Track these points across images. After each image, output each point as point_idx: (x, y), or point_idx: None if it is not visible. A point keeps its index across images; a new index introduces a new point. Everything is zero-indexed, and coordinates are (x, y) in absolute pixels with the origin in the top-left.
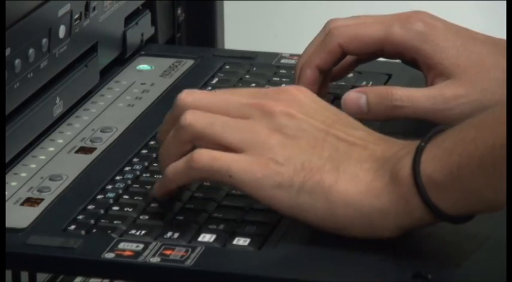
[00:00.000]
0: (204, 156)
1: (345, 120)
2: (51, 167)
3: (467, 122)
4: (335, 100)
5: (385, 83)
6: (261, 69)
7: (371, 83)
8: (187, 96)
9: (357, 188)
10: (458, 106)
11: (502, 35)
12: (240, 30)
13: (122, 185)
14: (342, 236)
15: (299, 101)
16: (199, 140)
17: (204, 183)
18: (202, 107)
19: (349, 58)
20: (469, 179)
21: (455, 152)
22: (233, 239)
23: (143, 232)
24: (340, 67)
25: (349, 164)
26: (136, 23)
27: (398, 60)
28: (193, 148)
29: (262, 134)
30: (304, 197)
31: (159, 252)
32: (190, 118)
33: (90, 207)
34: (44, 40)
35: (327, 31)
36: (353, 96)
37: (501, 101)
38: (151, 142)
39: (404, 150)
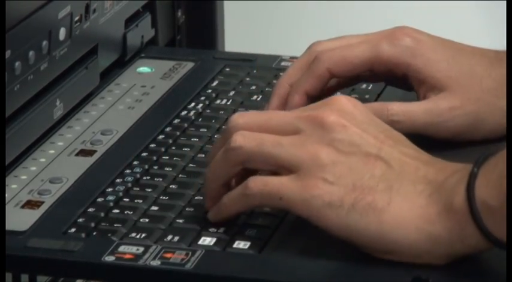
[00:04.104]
0: (258, 182)
1: (397, 137)
2: (52, 170)
3: None
4: None
5: (380, 93)
6: (261, 71)
7: (368, 96)
8: (239, 118)
9: (411, 212)
10: (454, 118)
11: (502, 34)
12: (240, 32)
13: (122, 188)
14: (341, 241)
15: (351, 112)
16: (250, 162)
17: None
18: (253, 128)
19: (332, 81)
20: None
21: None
22: (233, 242)
23: (143, 235)
24: (327, 90)
25: (402, 185)
26: (137, 25)
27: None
28: (244, 170)
29: (313, 150)
30: (355, 218)
31: (159, 255)
32: (240, 140)
33: (91, 210)
34: (44, 42)
35: (314, 56)
36: None
37: (497, 111)
38: (152, 145)
39: (457, 175)
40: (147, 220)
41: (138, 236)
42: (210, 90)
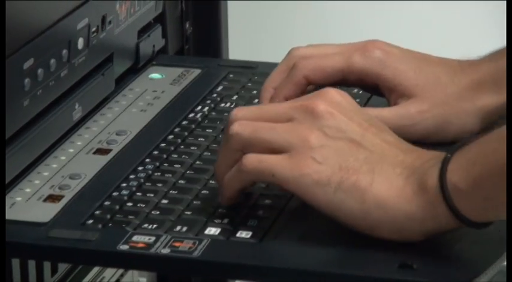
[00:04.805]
0: (251, 159)
1: (379, 126)
2: (71, 167)
3: (489, 135)
4: None
5: (370, 97)
6: (262, 77)
7: (358, 100)
8: (238, 111)
9: (390, 191)
10: (424, 121)
11: (502, 34)
12: (243, 42)
13: (135, 183)
14: (336, 231)
15: (339, 102)
16: (248, 147)
17: (210, 182)
18: (250, 119)
19: (310, 87)
20: (490, 187)
21: (478, 162)
22: (236, 232)
23: (155, 226)
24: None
25: (382, 168)
26: (149, 36)
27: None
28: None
29: (304, 134)
30: (341, 196)
31: (169, 244)
32: (237, 128)
33: (107, 203)
34: (64, 51)
35: (293, 62)
36: None
37: (462, 113)
38: (162, 144)
39: (432, 161)
40: (158, 212)
41: (149, 227)
42: (215, 95)
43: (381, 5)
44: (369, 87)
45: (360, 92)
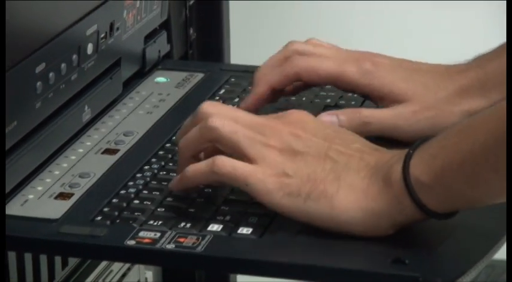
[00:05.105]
0: (226, 164)
1: (343, 136)
2: (81, 166)
3: (448, 130)
4: (325, 108)
5: (365, 100)
6: None
7: (353, 102)
8: (211, 107)
9: (355, 195)
10: (418, 122)
11: (502, 34)
12: (244, 47)
13: (141, 182)
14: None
15: (303, 122)
16: (220, 143)
17: None
18: (226, 118)
19: (299, 82)
20: (451, 179)
21: (438, 156)
22: (237, 228)
23: (160, 222)
24: (293, 87)
25: (347, 174)
26: (154, 41)
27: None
28: (212, 147)
29: (275, 150)
30: (311, 205)
31: (173, 239)
32: (218, 122)
33: (114, 200)
34: (74, 56)
35: (288, 56)
36: (326, 119)
37: (450, 116)
38: (167, 145)
39: (395, 158)
40: (163, 209)
41: (155, 223)
42: (217, 97)
43: (383, 12)
44: (360, 94)
45: (355, 95)
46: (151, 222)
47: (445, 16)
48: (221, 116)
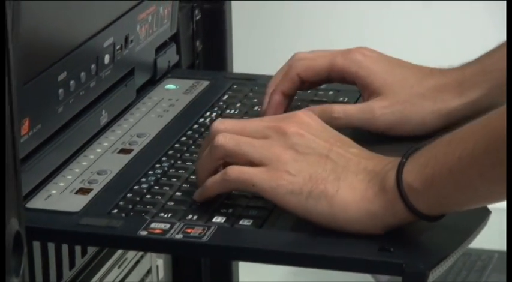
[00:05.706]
0: (235, 170)
1: (343, 140)
2: (99, 164)
3: (439, 140)
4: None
5: (358, 99)
6: (261, 88)
7: (346, 98)
8: (220, 124)
9: (354, 195)
10: (383, 115)
11: (502, 34)
12: (246, 58)
13: (153, 178)
14: None
15: (307, 123)
16: (229, 157)
17: None
18: (232, 132)
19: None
20: (441, 186)
21: (429, 165)
22: (239, 220)
23: (170, 215)
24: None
25: (347, 176)
26: (165, 52)
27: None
28: (225, 163)
29: (278, 151)
30: (311, 203)
31: (182, 230)
32: (222, 140)
33: (129, 195)
34: (93, 65)
35: (291, 64)
36: (301, 115)
37: (421, 111)
38: (176, 145)
39: (390, 165)
40: (172, 203)
41: (165, 215)
42: (221, 103)
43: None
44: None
45: (347, 99)
46: (162, 214)
47: (445, 16)
48: (226, 133)
